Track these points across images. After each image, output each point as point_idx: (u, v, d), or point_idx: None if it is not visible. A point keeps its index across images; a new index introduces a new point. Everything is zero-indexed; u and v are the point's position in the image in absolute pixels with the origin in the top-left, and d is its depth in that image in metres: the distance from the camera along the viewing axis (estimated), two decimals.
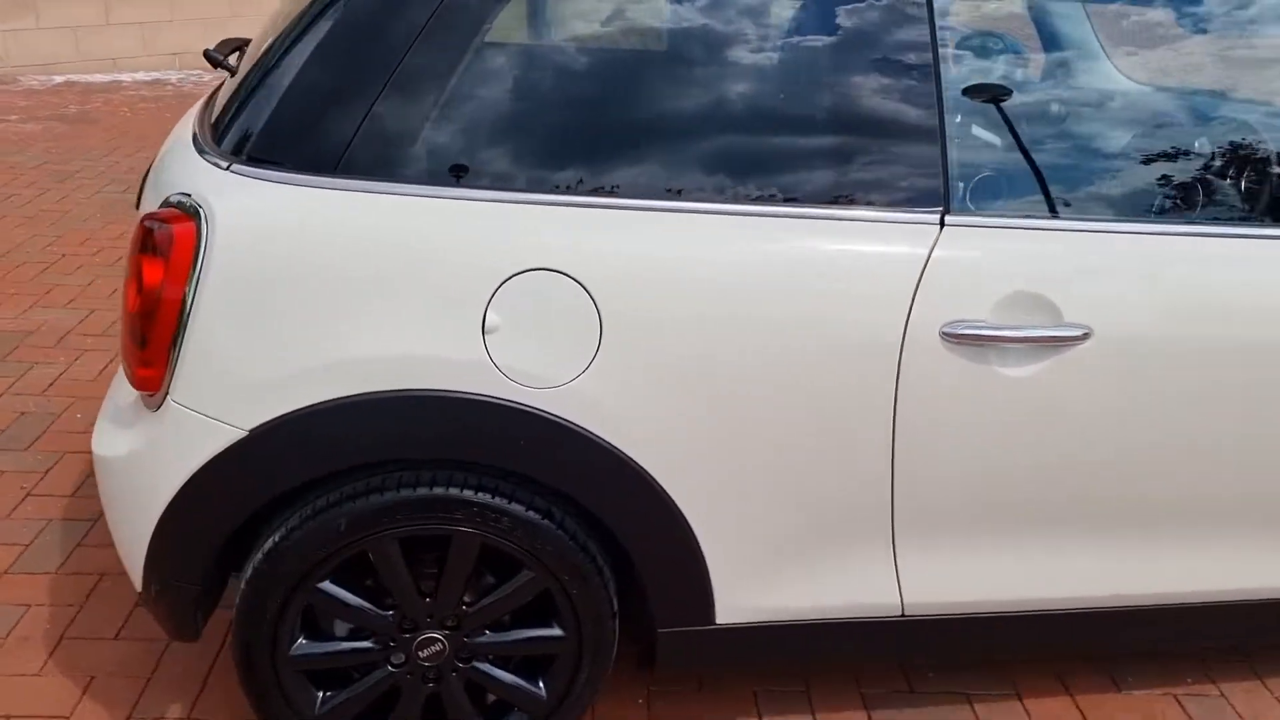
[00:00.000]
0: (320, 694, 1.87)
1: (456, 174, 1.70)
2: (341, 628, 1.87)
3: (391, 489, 1.71)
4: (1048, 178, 1.88)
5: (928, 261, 1.72)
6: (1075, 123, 2.06)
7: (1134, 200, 1.91)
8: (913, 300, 1.72)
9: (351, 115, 1.67)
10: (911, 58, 1.75)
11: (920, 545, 1.89)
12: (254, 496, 1.71)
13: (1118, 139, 2.01)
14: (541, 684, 1.91)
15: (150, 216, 1.70)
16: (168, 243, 1.65)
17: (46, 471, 2.82)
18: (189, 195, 1.69)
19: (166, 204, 1.72)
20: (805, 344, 1.71)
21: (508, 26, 1.79)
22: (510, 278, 1.65)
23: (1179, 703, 2.20)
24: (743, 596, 1.88)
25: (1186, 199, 1.95)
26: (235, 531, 1.75)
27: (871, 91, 1.75)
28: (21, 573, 2.44)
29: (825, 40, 1.76)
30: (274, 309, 1.64)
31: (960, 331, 1.72)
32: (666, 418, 1.72)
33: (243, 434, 1.66)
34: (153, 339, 1.67)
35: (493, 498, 1.74)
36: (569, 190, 1.70)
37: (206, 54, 2.18)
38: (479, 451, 1.70)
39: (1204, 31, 2.08)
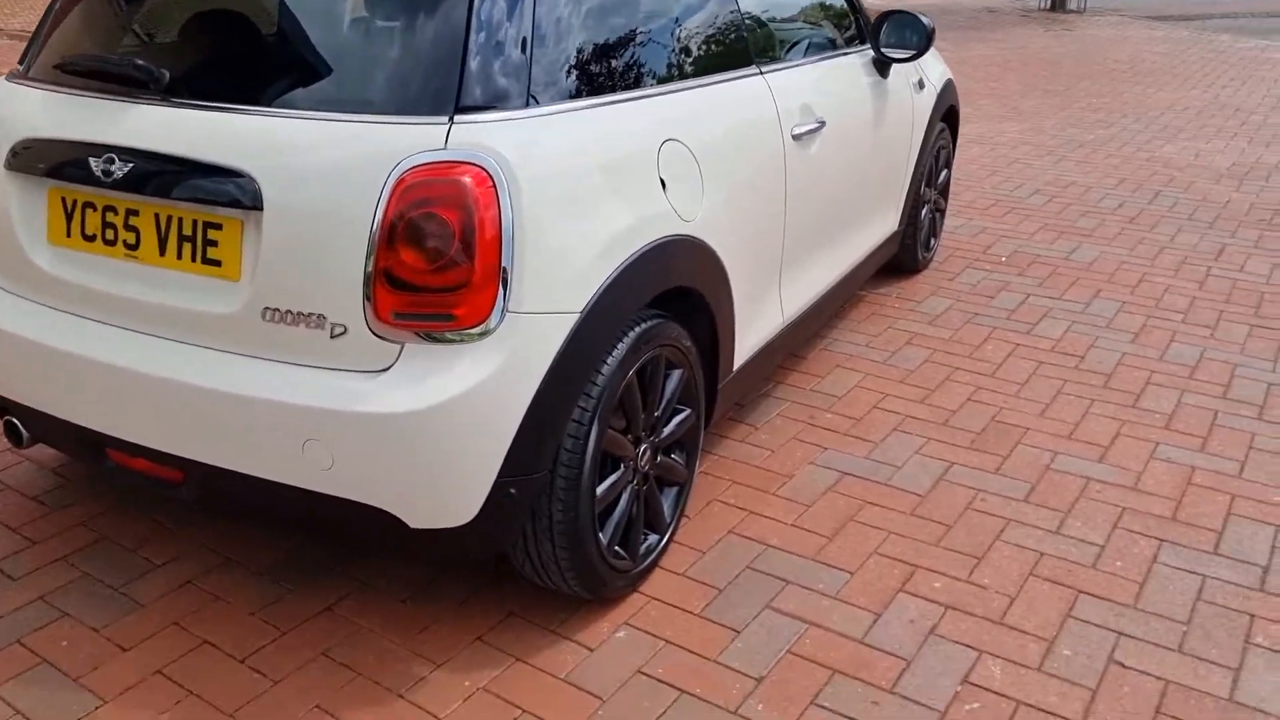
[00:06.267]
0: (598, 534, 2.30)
1: (593, 84, 2.25)
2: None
3: (631, 331, 2.25)
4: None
5: (774, 97, 2.84)
6: None
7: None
8: (779, 120, 2.84)
9: (521, 62, 2.09)
10: None
11: (787, 275, 3.03)
12: (595, 363, 2.11)
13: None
14: (678, 458, 2.60)
15: (421, 183, 1.90)
16: (468, 191, 1.90)
17: None
18: (443, 150, 1.93)
19: (419, 166, 1.90)
20: (754, 156, 2.71)
21: None
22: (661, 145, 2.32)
23: None
24: (739, 349, 2.81)
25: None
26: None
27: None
28: None
29: None
30: (561, 213, 2.04)
31: (797, 132, 2.90)
32: (722, 221, 2.56)
33: (578, 315, 2.06)
34: (478, 271, 1.92)
35: (669, 320, 2.39)
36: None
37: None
38: (679, 276, 2.35)
39: None
